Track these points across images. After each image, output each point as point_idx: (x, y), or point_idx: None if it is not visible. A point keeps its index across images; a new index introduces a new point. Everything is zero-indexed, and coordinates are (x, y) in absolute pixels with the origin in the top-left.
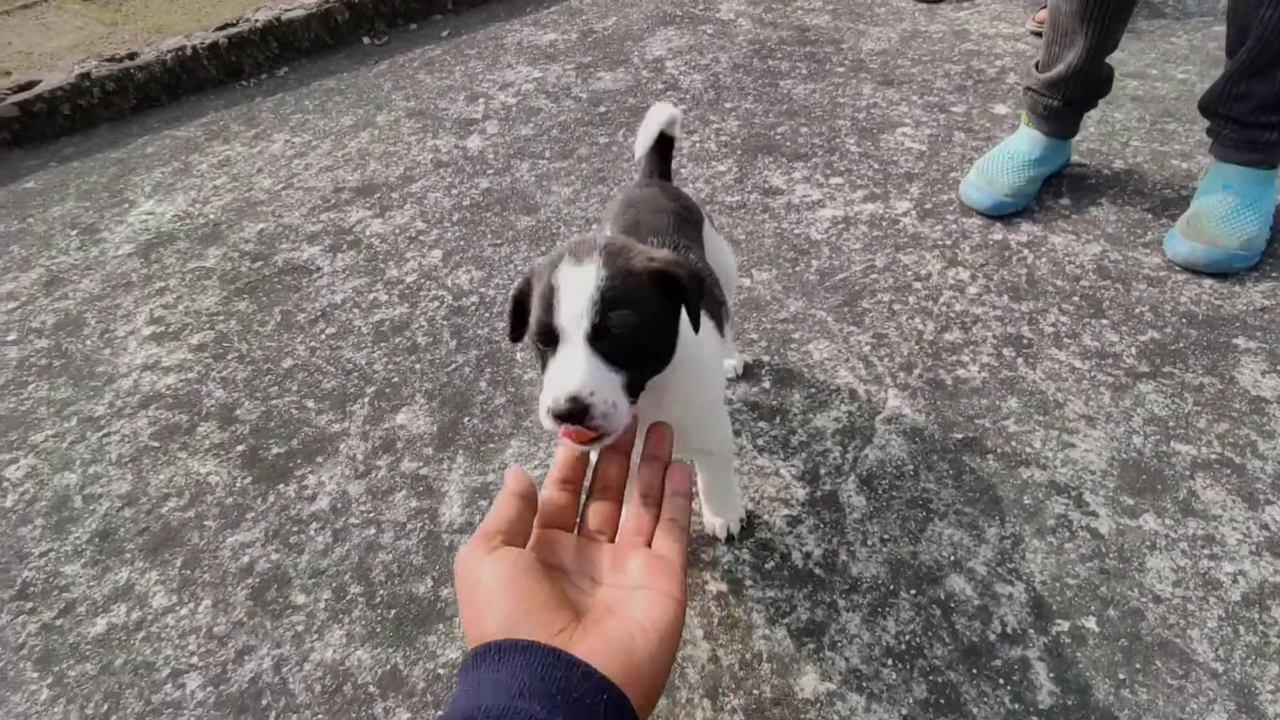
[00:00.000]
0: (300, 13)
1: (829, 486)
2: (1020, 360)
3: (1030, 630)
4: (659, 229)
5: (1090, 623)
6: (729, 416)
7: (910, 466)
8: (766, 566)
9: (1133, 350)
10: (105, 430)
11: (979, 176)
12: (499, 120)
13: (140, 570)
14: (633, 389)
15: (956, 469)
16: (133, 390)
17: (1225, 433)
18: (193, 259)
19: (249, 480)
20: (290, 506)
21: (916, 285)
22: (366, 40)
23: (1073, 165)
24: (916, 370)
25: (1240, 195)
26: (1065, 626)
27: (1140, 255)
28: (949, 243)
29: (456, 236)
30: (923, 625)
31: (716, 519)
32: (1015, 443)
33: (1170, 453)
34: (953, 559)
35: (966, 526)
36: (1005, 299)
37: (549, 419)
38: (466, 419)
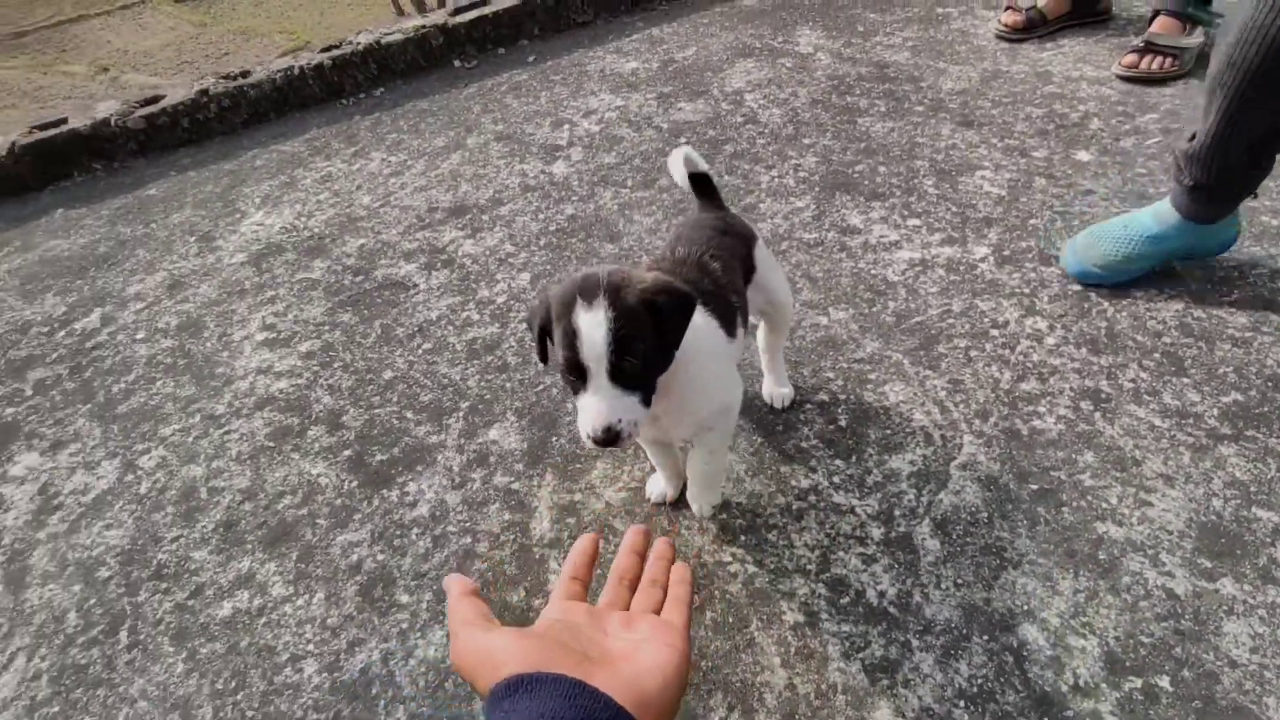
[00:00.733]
0: (399, 37)
1: (904, 528)
2: (1098, 415)
3: (1103, 685)
4: (697, 241)
5: (1164, 682)
6: (735, 416)
7: (984, 514)
8: (842, 601)
9: (1215, 411)
10: (226, 428)
11: (1086, 235)
12: (583, 147)
13: (260, 561)
14: (646, 397)
15: (1031, 519)
16: (249, 392)
17: None
18: (300, 270)
19: (355, 484)
20: (393, 511)
21: (994, 333)
22: (457, 64)
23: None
24: (992, 418)
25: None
26: (1138, 684)
27: (1225, 314)
28: (1027, 291)
29: (544, 260)
30: (995, 670)
31: (694, 502)
32: (1091, 497)
33: (1251, 518)
34: (1026, 608)
35: (1040, 577)
36: (1084, 351)
37: (589, 442)
38: (554, 438)
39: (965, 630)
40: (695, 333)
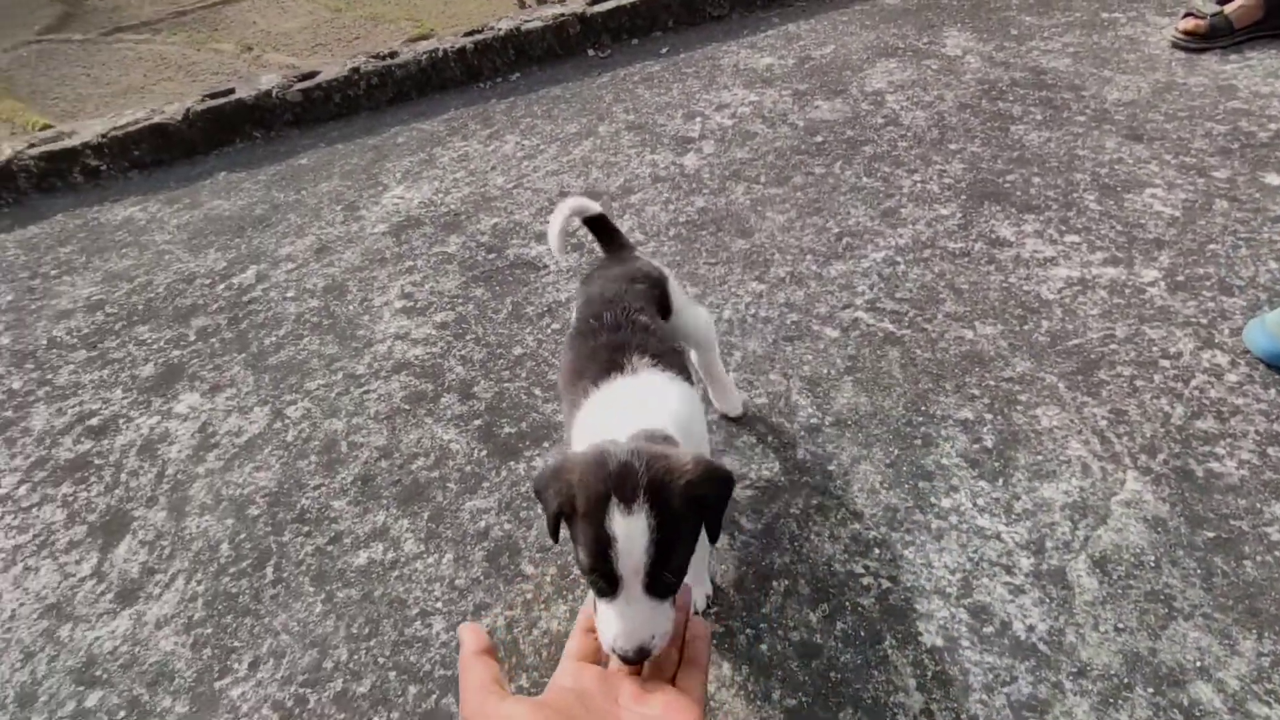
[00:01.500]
0: (538, 24)
1: (1056, 561)
2: None
3: None
4: (609, 299)
5: None
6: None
7: (1150, 557)
8: (985, 630)
9: None
10: (365, 388)
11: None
12: (715, 141)
13: (394, 517)
14: (675, 596)
15: (1206, 569)
16: (387, 355)
17: None
18: (436, 244)
19: (485, 453)
20: (520, 483)
21: (1164, 363)
22: (591, 53)
23: None
24: (1161, 455)
25: None
26: None
27: None
28: (1205, 321)
29: (672, 251)
30: None
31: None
32: (1279, 553)
33: None
34: (1199, 665)
35: (1217, 633)
36: (1273, 393)
37: (611, 652)
38: None
39: (1127, 679)
40: (687, 405)
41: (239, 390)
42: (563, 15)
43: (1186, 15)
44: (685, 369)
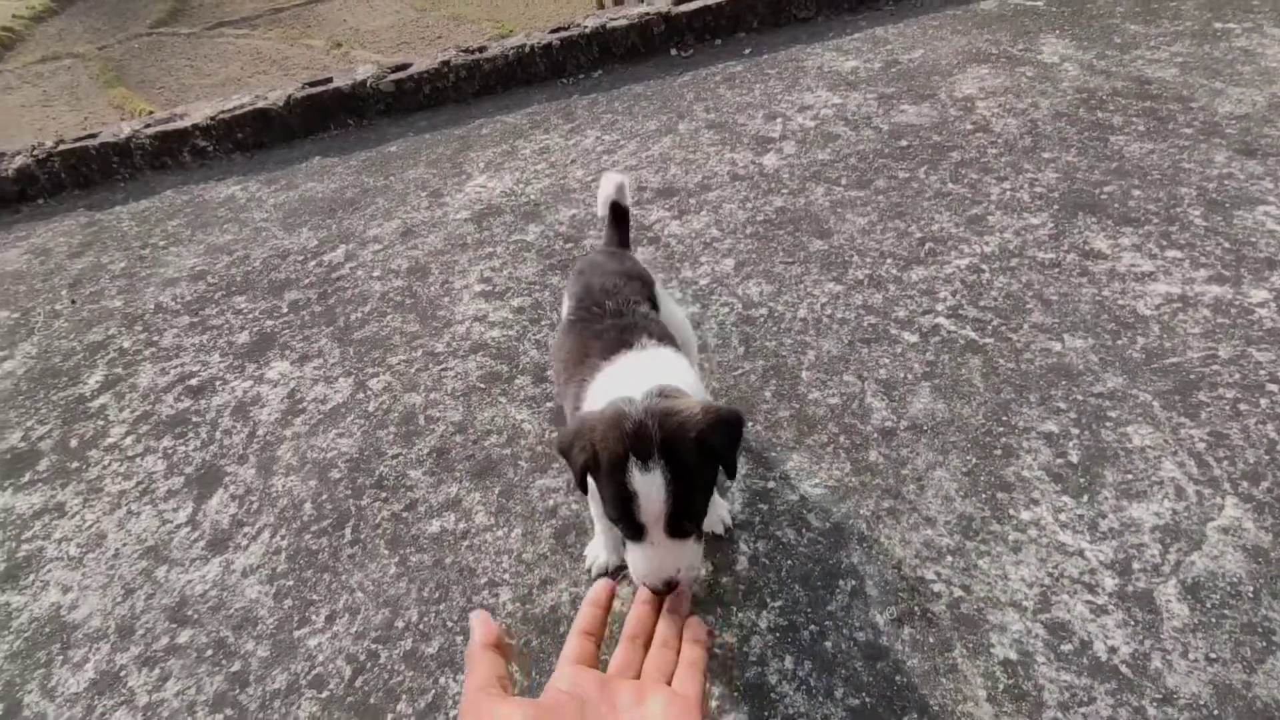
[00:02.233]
0: (623, 23)
1: (1143, 584)
2: None
3: None
4: (609, 290)
5: None
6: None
7: (1249, 587)
8: (1063, 648)
9: None
10: (444, 365)
11: None
12: (796, 142)
13: (467, 489)
14: (699, 535)
15: None
16: (465, 336)
17: None
18: (516, 232)
19: (555, 435)
20: None
21: (1272, 388)
22: (674, 52)
23: None
24: (1266, 483)
25: None
26: None
27: None
28: None
29: (749, 249)
30: None
31: (709, 526)
32: None
33: None
34: None
35: None
36: None
37: (643, 586)
38: (750, 424)
39: (1218, 712)
40: (693, 377)
41: (326, 361)
42: (648, 14)
43: None
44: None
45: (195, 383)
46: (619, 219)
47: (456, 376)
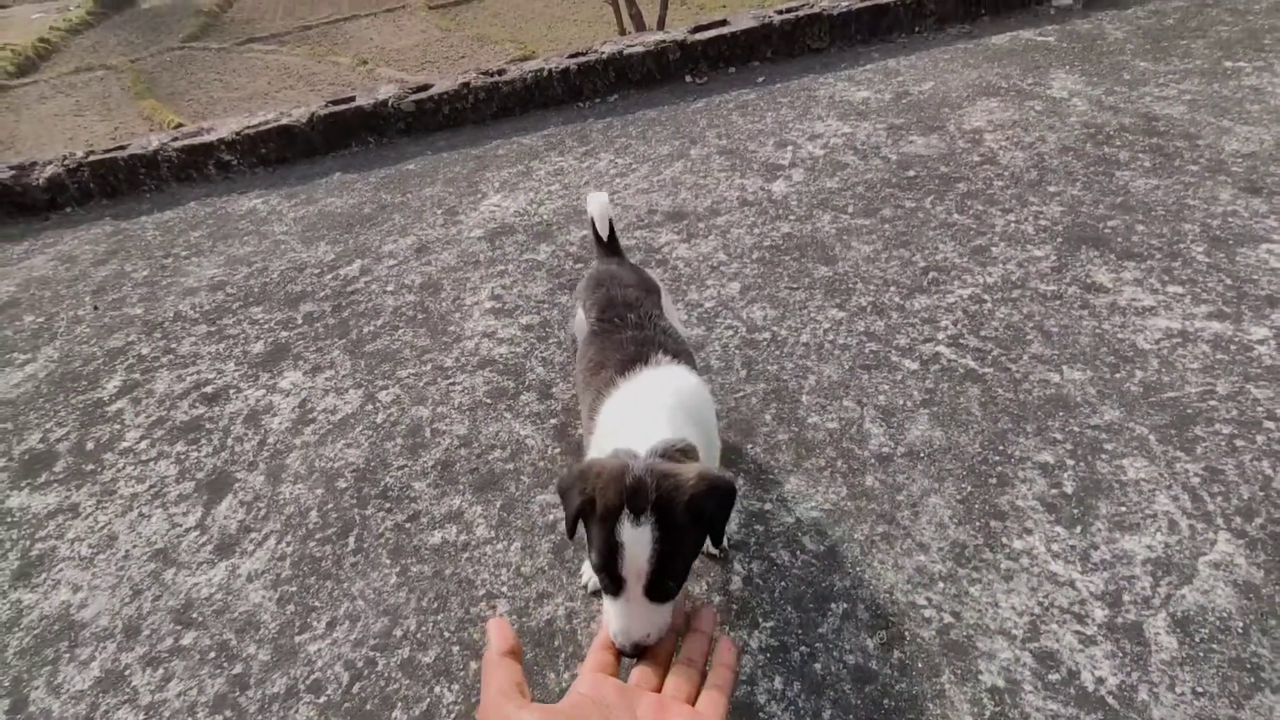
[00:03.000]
0: (640, 49)
1: (1133, 616)
2: None
3: None
4: (629, 302)
5: None
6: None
7: (1238, 623)
8: (1051, 677)
9: None
10: (451, 380)
11: None
12: (805, 169)
13: (469, 502)
14: (676, 597)
15: None
16: (474, 351)
17: None
18: (527, 251)
19: (558, 451)
20: None
21: (1269, 425)
22: (688, 79)
23: None
24: (1259, 519)
25: None
26: None
27: None
28: None
29: (755, 273)
30: None
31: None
32: None
33: None
34: None
35: None
36: None
37: (614, 642)
38: (749, 446)
39: None
40: (701, 396)
41: (337, 372)
42: (664, 42)
43: None
44: (694, 366)
45: (210, 390)
46: (610, 231)
47: (464, 391)
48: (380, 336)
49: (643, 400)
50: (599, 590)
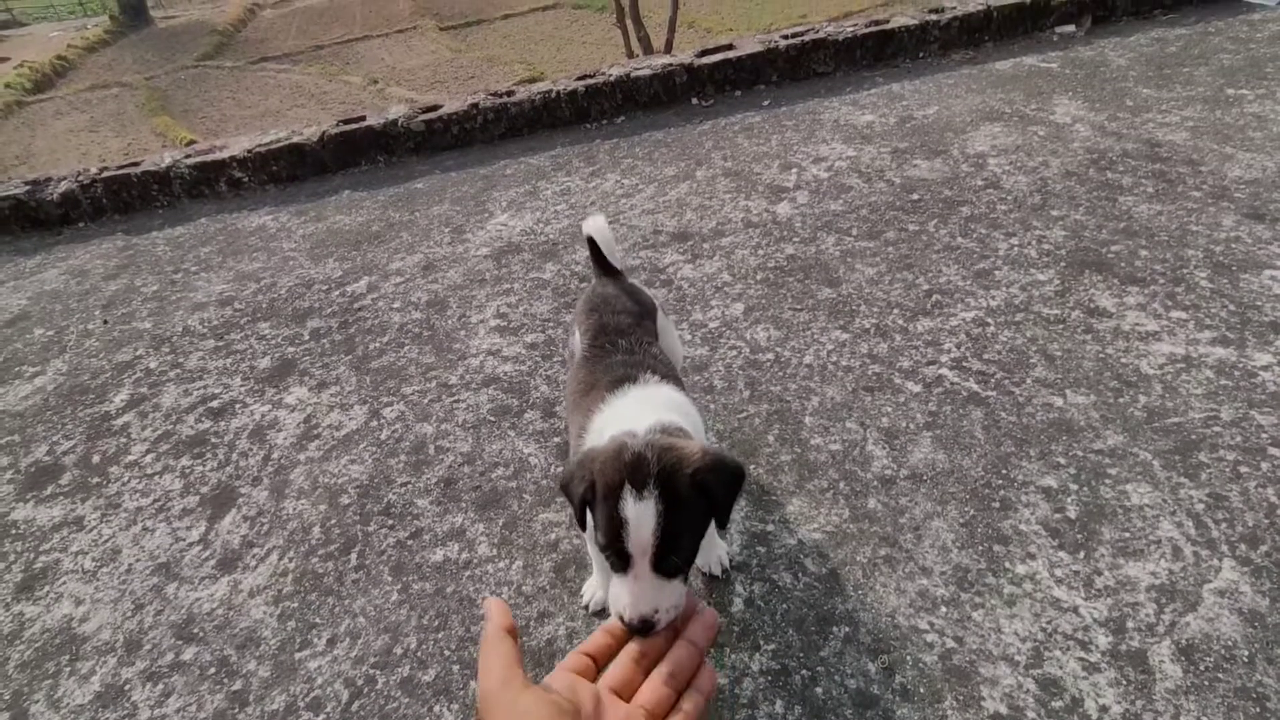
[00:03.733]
0: (647, 72)
1: (1137, 643)
2: None
3: None
4: (622, 329)
5: None
6: None
7: (1244, 651)
8: (1054, 704)
9: None
10: (456, 397)
11: None
12: (809, 192)
13: (471, 520)
14: (686, 576)
15: None
16: (479, 369)
17: None
18: (533, 270)
19: (559, 469)
20: None
21: (1274, 451)
22: (694, 101)
23: None
24: (1264, 546)
25: None
26: None
27: None
28: None
29: (759, 294)
30: None
31: (707, 566)
32: None
33: None
34: None
35: None
36: None
37: (619, 621)
38: (752, 466)
39: None
40: (693, 413)
41: (342, 388)
42: (671, 65)
43: None
44: (683, 389)
45: (216, 405)
46: (599, 252)
47: (468, 408)
48: (386, 353)
49: (633, 406)
50: (601, 610)
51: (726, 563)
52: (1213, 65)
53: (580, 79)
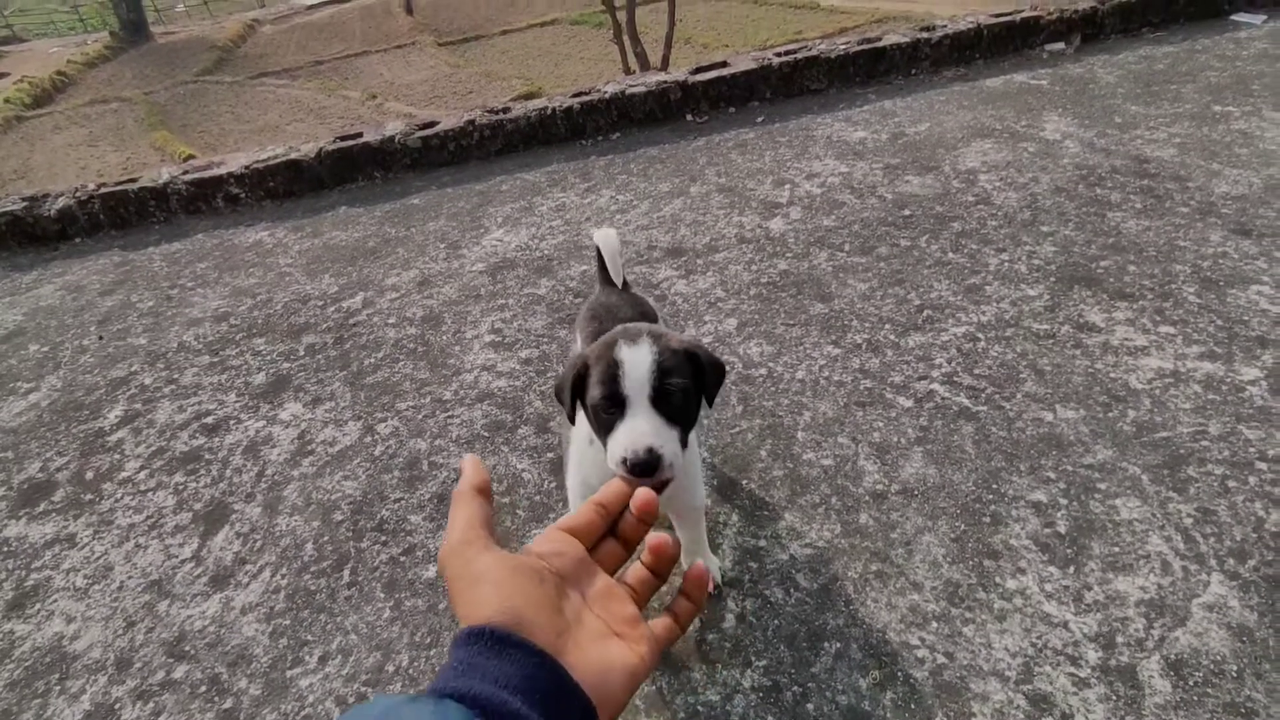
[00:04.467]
0: (641, 89)
1: (1126, 658)
2: None
3: None
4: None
5: None
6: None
7: (1233, 666)
8: None
9: None
10: (450, 413)
11: None
12: (802, 208)
13: None
14: (683, 438)
15: None
16: (473, 385)
17: None
18: (528, 285)
19: (554, 485)
20: None
21: (1261, 466)
22: (689, 118)
23: None
24: (1252, 561)
25: None
26: None
27: None
28: None
29: (751, 310)
30: None
31: (714, 570)
32: None
33: None
34: None
35: None
36: None
37: (622, 468)
38: (745, 481)
39: None
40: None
41: (337, 404)
42: (665, 82)
43: None
44: None
45: (210, 420)
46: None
47: (462, 424)
48: (381, 369)
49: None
50: None
51: (719, 578)
52: (1200, 82)
53: (576, 96)
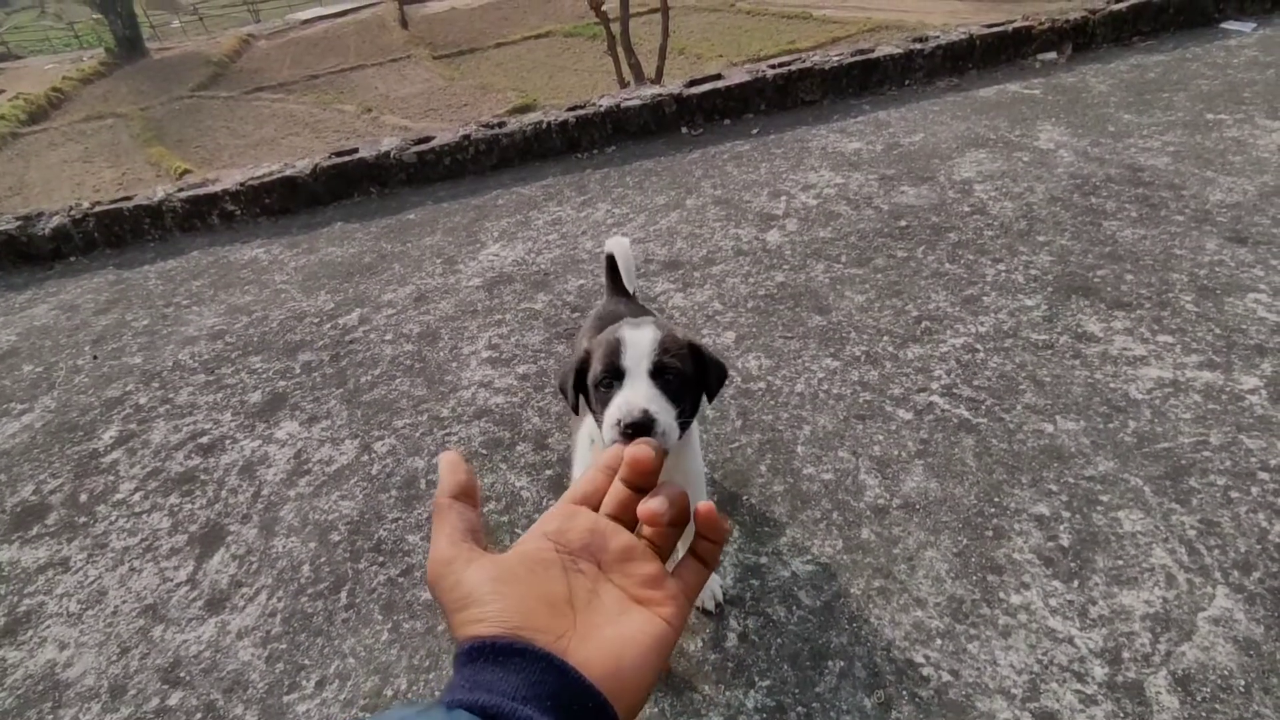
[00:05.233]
0: (636, 103)
1: (1133, 674)
2: None
3: None
4: None
5: None
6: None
7: (1240, 681)
8: None
9: None
10: (447, 430)
11: None
12: (799, 219)
13: None
14: (680, 417)
15: None
16: (470, 401)
17: None
18: (525, 300)
19: (553, 502)
20: None
21: (1263, 476)
22: (684, 130)
23: None
24: (1257, 573)
25: None
26: None
27: None
28: None
29: (749, 323)
30: None
31: (707, 601)
32: None
33: None
34: None
35: None
36: None
37: (615, 431)
38: (745, 496)
39: None
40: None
41: (334, 423)
42: (660, 95)
43: None
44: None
45: (206, 440)
46: (615, 270)
47: (459, 441)
48: (377, 386)
49: None
50: None
51: (720, 597)
52: (1191, 91)
53: (571, 109)
